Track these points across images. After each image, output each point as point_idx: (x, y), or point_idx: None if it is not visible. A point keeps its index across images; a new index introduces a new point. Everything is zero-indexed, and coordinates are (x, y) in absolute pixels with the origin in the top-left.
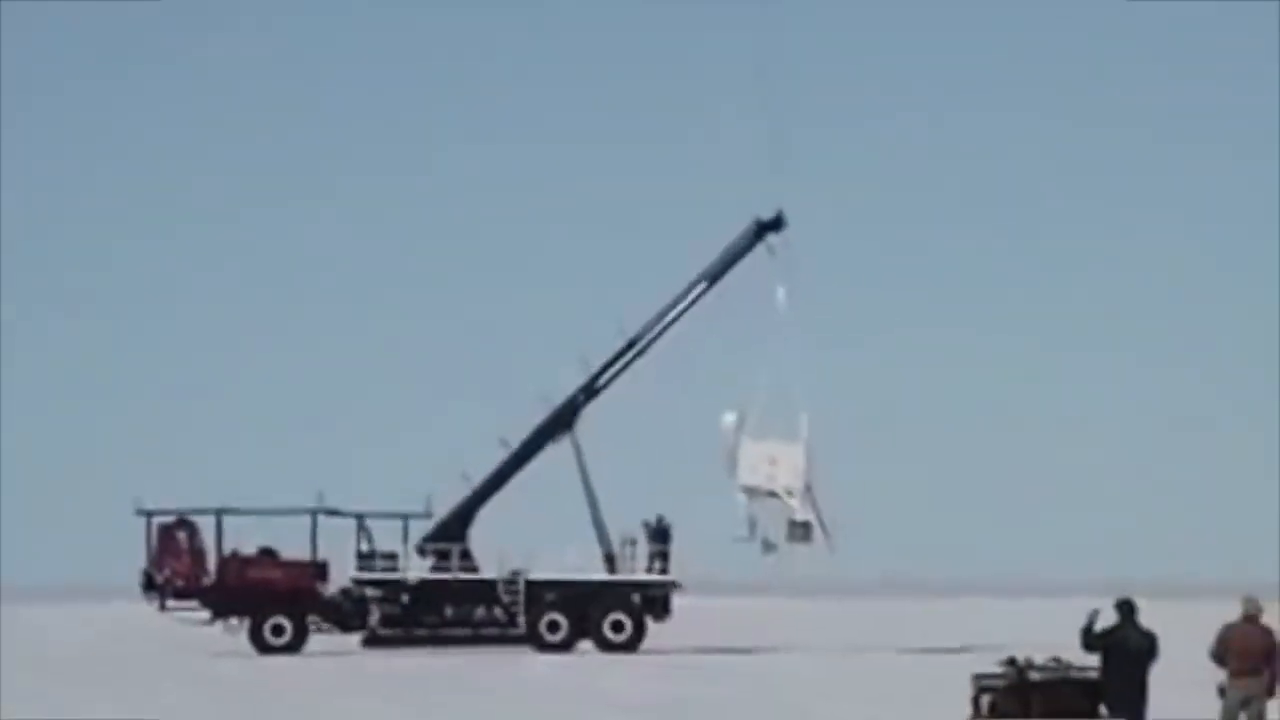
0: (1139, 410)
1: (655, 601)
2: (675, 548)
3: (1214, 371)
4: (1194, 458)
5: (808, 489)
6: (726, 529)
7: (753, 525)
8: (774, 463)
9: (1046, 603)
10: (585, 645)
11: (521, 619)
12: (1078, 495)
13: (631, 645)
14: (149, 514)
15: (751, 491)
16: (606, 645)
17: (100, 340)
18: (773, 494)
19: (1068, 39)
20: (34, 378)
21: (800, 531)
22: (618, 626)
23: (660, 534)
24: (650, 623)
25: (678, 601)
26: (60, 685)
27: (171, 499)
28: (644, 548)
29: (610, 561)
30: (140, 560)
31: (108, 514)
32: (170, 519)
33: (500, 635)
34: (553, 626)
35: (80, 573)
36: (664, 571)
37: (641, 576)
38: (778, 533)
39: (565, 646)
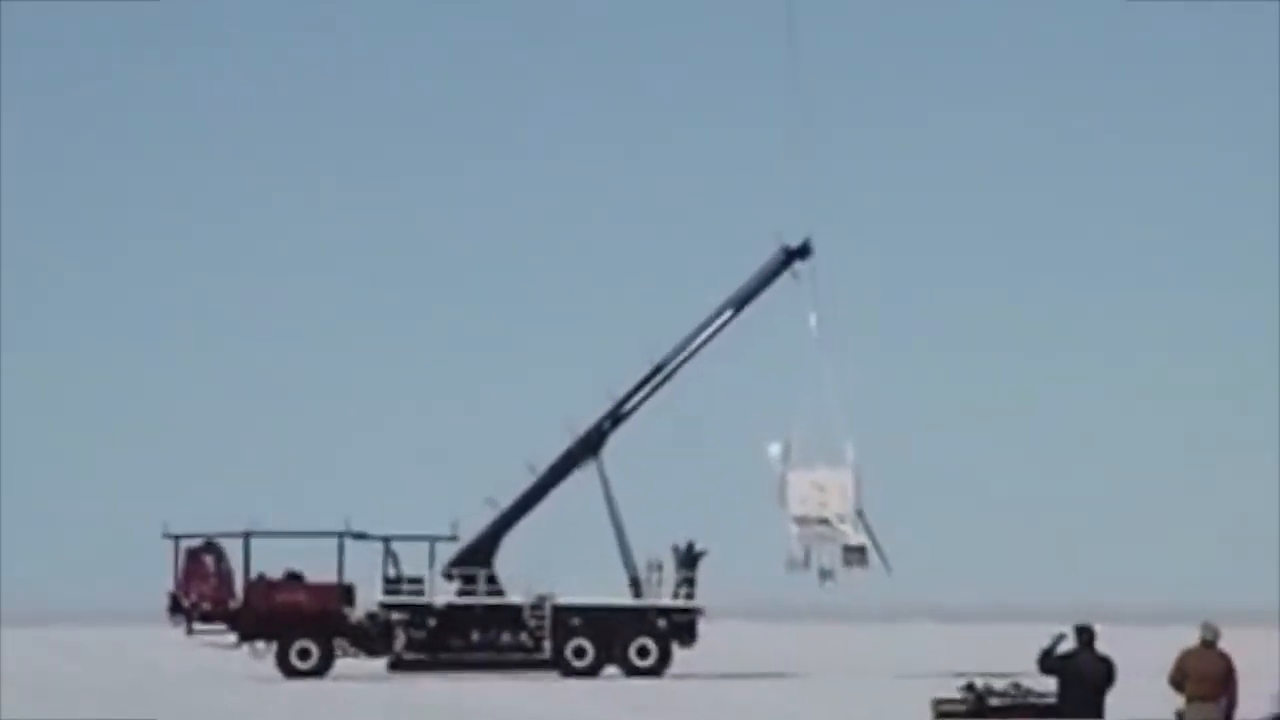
0: (1178, 432)
1: (681, 627)
2: (703, 573)
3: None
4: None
5: (859, 514)
6: (755, 554)
7: (807, 555)
8: (823, 490)
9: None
10: (612, 670)
11: (547, 644)
12: (1132, 519)
13: (657, 670)
14: (176, 537)
15: (803, 521)
16: (632, 670)
17: (126, 363)
18: (824, 521)
19: (1113, 51)
20: (59, 401)
21: (856, 556)
22: (643, 652)
23: (689, 559)
24: (676, 648)
25: (715, 627)
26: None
27: (198, 522)
28: (670, 573)
29: (636, 586)
30: (167, 584)
31: (135, 538)
32: (197, 542)
33: (526, 660)
34: (579, 651)
35: (106, 596)
36: (690, 597)
37: (667, 602)
38: (832, 559)
39: (591, 672)
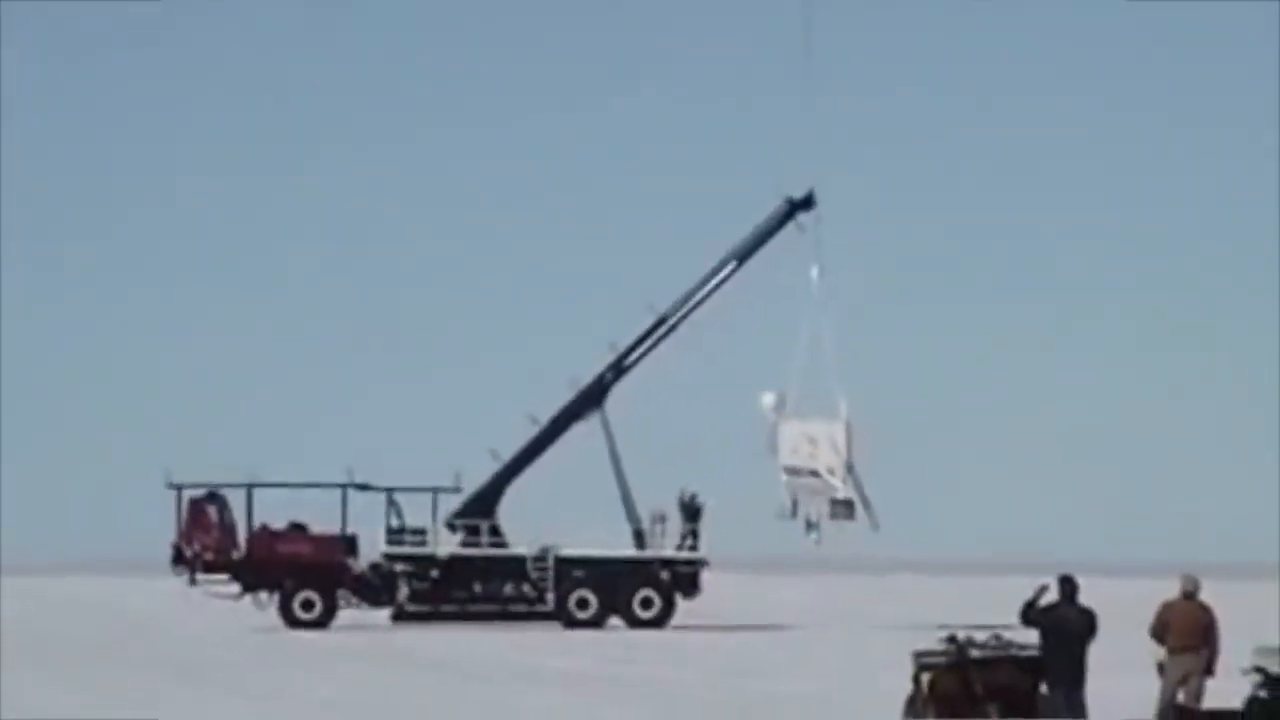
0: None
1: (684, 578)
2: (705, 525)
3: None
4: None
5: (849, 467)
6: (757, 506)
7: (795, 505)
8: (814, 442)
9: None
10: (615, 622)
11: (550, 595)
12: (1112, 472)
13: (660, 622)
14: (179, 488)
15: (793, 471)
16: (635, 622)
17: (131, 315)
18: (814, 473)
19: (1117, 24)
20: (64, 352)
21: (843, 509)
22: (647, 603)
23: (691, 511)
24: (680, 599)
25: (713, 578)
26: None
27: (202, 473)
28: (674, 525)
29: (639, 538)
30: (171, 534)
31: (138, 488)
32: (200, 493)
33: (529, 611)
34: (582, 603)
35: (110, 547)
36: (694, 549)
37: (670, 553)
38: (820, 511)
39: (594, 623)
